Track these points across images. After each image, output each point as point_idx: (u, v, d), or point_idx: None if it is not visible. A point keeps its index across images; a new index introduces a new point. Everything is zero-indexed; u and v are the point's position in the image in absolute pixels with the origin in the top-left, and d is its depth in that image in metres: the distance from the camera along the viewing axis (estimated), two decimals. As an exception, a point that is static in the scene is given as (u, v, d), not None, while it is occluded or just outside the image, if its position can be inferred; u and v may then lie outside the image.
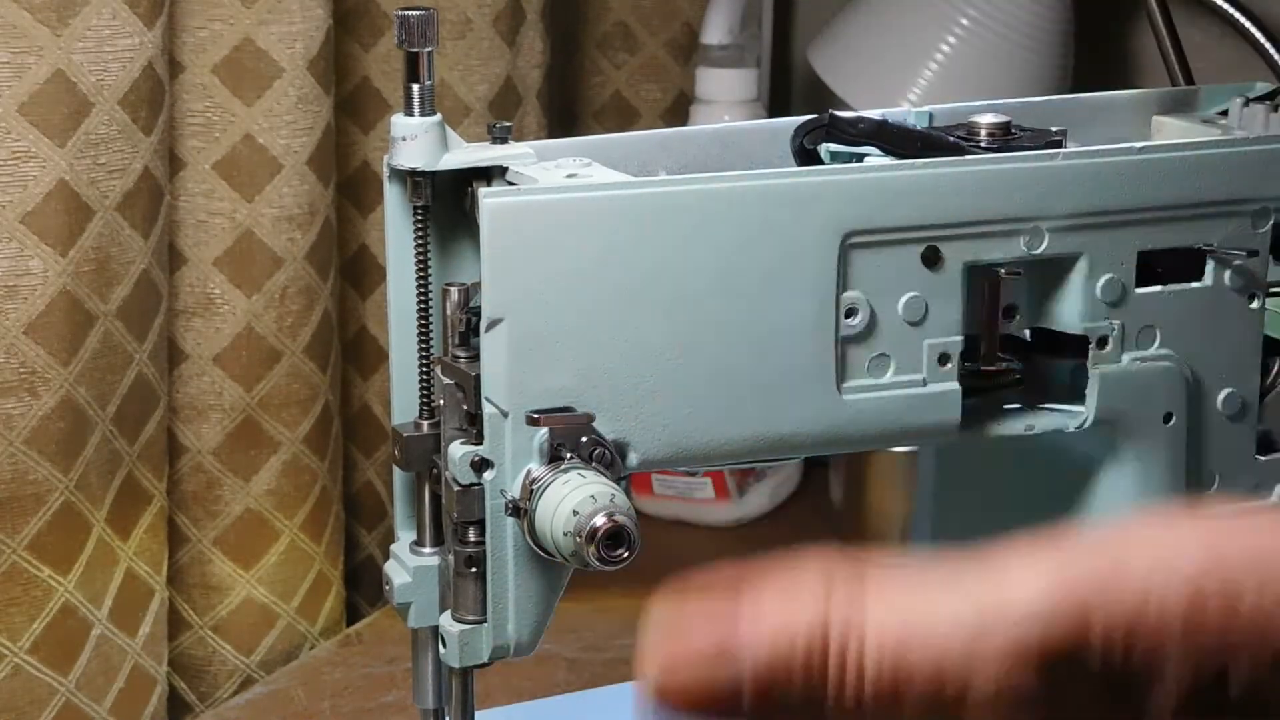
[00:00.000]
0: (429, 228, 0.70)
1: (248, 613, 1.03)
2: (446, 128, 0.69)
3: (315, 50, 1.00)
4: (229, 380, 1.00)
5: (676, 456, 0.68)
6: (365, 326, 1.15)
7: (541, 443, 0.65)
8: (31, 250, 0.84)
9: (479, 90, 1.14)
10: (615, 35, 1.32)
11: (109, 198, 0.87)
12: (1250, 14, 1.22)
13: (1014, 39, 1.18)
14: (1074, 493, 0.78)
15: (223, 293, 0.99)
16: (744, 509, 1.22)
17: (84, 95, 0.85)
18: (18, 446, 0.85)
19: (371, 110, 1.11)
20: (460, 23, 1.12)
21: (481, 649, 0.68)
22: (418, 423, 0.71)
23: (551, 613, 0.69)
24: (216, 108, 0.97)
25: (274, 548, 1.03)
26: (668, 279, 0.66)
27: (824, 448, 0.71)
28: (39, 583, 0.87)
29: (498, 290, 0.65)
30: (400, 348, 0.72)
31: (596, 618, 1.05)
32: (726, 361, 0.67)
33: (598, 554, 0.63)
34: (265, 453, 1.02)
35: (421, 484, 0.72)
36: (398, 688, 0.97)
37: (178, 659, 1.01)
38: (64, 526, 0.88)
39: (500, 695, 0.94)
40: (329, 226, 1.04)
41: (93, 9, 0.85)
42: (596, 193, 0.66)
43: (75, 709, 0.89)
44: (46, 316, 0.85)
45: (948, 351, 0.71)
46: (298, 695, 0.99)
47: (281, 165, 0.99)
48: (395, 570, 0.72)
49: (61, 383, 0.86)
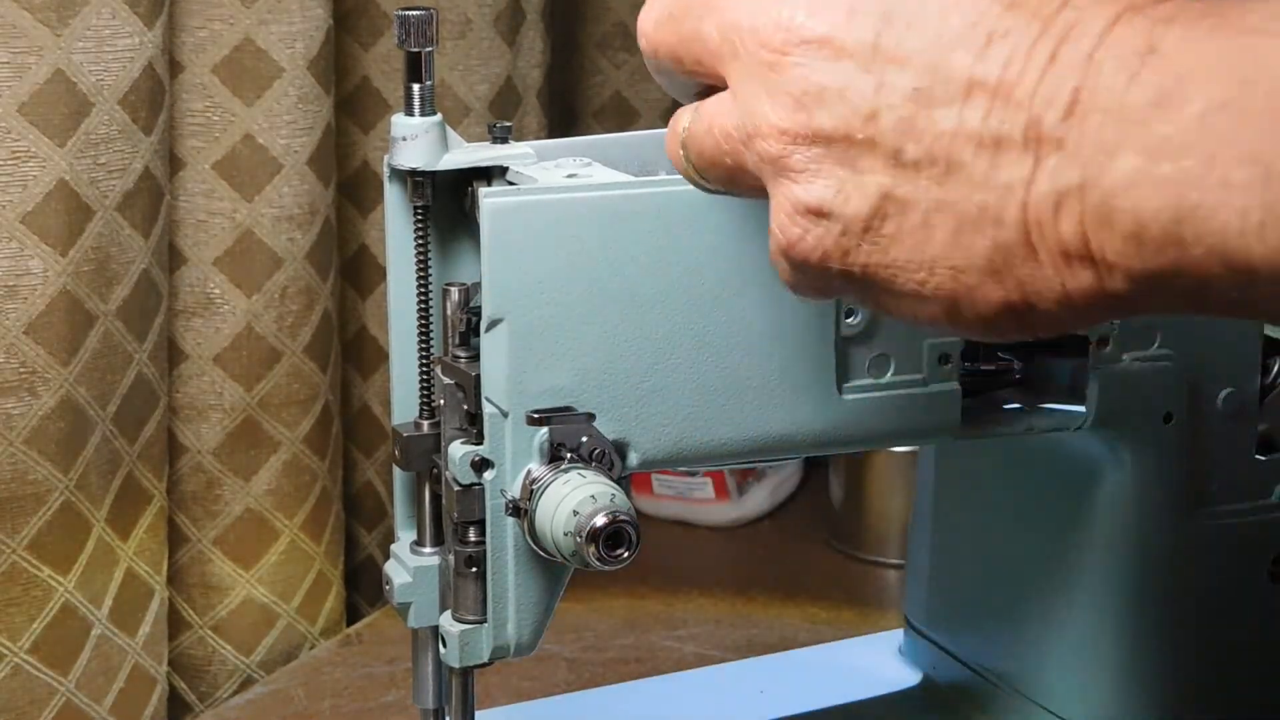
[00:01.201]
0: (429, 228, 0.70)
1: (248, 613, 1.03)
2: (446, 128, 0.69)
3: (315, 50, 1.00)
4: (229, 380, 1.00)
5: (676, 456, 0.68)
6: (365, 326, 1.15)
7: (541, 443, 0.65)
8: (31, 250, 0.84)
9: (479, 90, 1.14)
10: (615, 35, 1.32)
11: (109, 198, 0.87)
12: (1250, 14, 1.22)
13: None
14: (1073, 493, 0.78)
15: (223, 293, 0.99)
16: (744, 509, 1.22)
17: (84, 95, 0.85)
18: (18, 446, 0.85)
19: (371, 110, 1.11)
20: (460, 23, 1.12)
21: (481, 649, 0.68)
22: (418, 423, 0.71)
23: (551, 613, 0.69)
24: (216, 108, 0.97)
25: (274, 548, 1.03)
26: (667, 279, 0.66)
27: (824, 448, 0.71)
28: (39, 583, 0.87)
29: (498, 290, 0.65)
30: (400, 348, 0.72)
31: (596, 618, 1.05)
32: (726, 361, 0.67)
33: (598, 554, 0.63)
34: (265, 453, 1.02)
35: (421, 484, 0.72)
36: (398, 688, 0.97)
37: (178, 659, 1.01)
38: (64, 526, 0.88)
39: (500, 695, 0.94)
40: (329, 226, 1.04)
41: (93, 9, 0.85)
42: (596, 193, 0.66)
43: (75, 709, 0.89)
44: (46, 316, 0.85)
45: (948, 351, 0.71)
46: (298, 695, 0.99)
47: (281, 165, 0.99)
48: (395, 570, 0.72)
49: (61, 383, 0.86)
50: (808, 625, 1.06)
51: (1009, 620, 0.83)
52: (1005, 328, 0.48)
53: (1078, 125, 0.44)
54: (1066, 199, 0.44)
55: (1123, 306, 0.46)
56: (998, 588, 0.83)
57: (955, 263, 0.47)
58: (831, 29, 0.49)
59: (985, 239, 0.46)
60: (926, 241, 0.48)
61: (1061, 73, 0.45)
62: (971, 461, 0.85)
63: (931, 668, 0.89)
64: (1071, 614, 0.79)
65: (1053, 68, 0.45)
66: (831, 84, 0.49)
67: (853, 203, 0.49)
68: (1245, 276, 0.41)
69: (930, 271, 0.48)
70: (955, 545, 0.87)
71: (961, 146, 0.46)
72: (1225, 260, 0.41)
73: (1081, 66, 0.44)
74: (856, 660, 0.93)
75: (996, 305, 0.47)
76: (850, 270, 0.50)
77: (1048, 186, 0.45)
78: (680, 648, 1.02)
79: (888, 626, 0.98)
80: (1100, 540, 0.77)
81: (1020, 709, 0.82)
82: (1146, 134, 0.42)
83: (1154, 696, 0.78)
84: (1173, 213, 0.42)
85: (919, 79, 0.47)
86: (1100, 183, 0.43)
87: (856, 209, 0.49)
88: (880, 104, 0.48)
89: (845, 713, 0.88)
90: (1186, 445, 0.76)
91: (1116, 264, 0.44)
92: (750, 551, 1.19)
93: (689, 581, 1.11)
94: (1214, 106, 0.41)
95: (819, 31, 0.49)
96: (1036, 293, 0.46)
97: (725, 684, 0.93)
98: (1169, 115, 0.42)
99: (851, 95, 0.48)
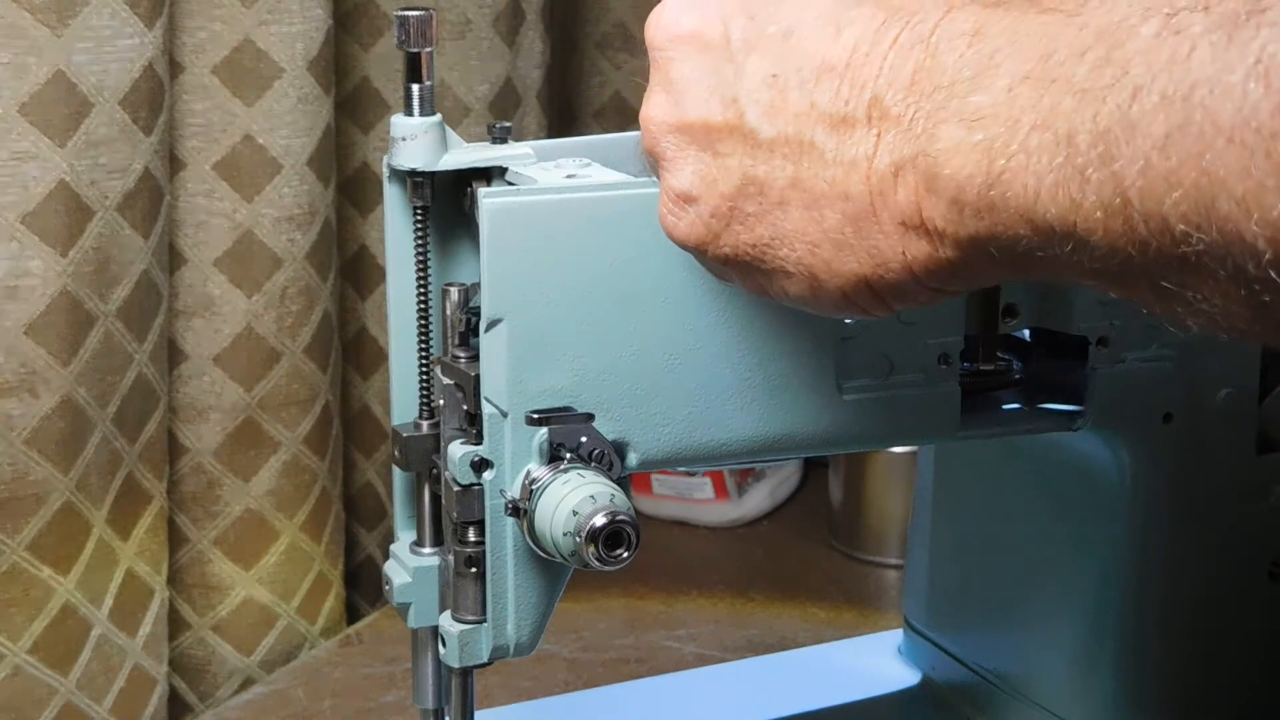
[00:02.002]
0: (429, 228, 0.70)
1: (248, 613, 1.03)
2: (446, 128, 0.69)
3: (315, 50, 1.00)
4: (229, 380, 1.00)
5: (676, 456, 0.68)
6: (365, 326, 1.15)
7: (541, 443, 0.65)
8: (32, 250, 0.84)
9: (479, 90, 1.14)
10: (615, 35, 1.32)
11: (109, 198, 0.87)
12: (1250, 14, 1.22)
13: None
14: (1073, 493, 0.78)
15: (223, 293, 0.99)
16: (743, 509, 1.22)
17: (84, 95, 0.85)
18: (18, 446, 0.85)
19: (371, 110, 1.11)
20: (460, 23, 1.13)
21: (481, 649, 0.68)
22: (418, 423, 0.71)
23: (551, 613, 0.69)
24: (216, 108, 0.97)
25: (274, 548, 1.03)
26: (667, 279, 0.66)
27: (824, 448, 0.71)
28: (39, 583, 0.87)
29: (498, 290, 0.65)
30: (400, 348, 0.72)
31: (596, 618, 1.05)
32: (726, 361, 0.67)
33: (598, 554, 0.63)
34: (265, 453, 1.02)
35: (421, 484, 0.72)
36: (398, 688, 0.97)
37: (178, 659, 1.01)
38: (64, 526, 0.88)
39: (500, 695, 0.94)
40: (329, 226, 1.04)
41: (93, 9, 0.85)
42: (596, 193, 0.66)
43: (75, 709, 0.89)
44: (46, 316, 0.85)
45: (948, 351, 0.71)
46: (298, 695, 0.99)
47: (281, 165, 0.99)
48: (395, 570, 0.72)
49: (61, 383, 0.86)
50: (807, 625, 1.06)
51: (1009, 620, 0.83)
52: (862, 301, 0.51)
53: (914, 102, 0.47)
54: (903, 170, 0.47)
55: (959, 274, 0.48)
56: (998, 588, 0.83)
57: (811, 237, 0.50)
58: (700, 24, 0.53)
59: (835, 212, 0.50)
60: (784, 219, 0.51)
61: (902, 54, 0.48)
62: (971, 461, 0.85)
63: (931, 668, 0.89)
64: (1071, 614, 0.79)
65: (894, 50, 0.48)
66: (697, 75, 0.53)
67: (718, 186, 0.53)
68: (1047, 236, 0.44)
69: (790, 247, 0.51)
70: (955, 545, 0.87)
71: (813, 125, 0.50)
72: (1029, 221, 0.44)
73: (919, 48, 0.48)
74: (856, 660, 0.93)
75: (851, 278, 0.50)
76: (723, 252, 0.53)
77: (887, 159, 0.48)
78: (680, 648, 1.02)
79: (887, 626, 0.98)
80: (1100, 540, 0.77)
81: (1020, 709, 0.82)
82: (964, 105, 0.46)
83: (1153, 696, 0.78)
84: (984, 178, 0.45)
85: (776, 65, 0.51)
86: (928, 152, 0.46)
87: (721, 192, 0.53)
88: (740, 90, 0.52)
89: (845, 713, 0.88)
90: (1186, 445, 0.76)
91: (945, 231, 0.47)
92: (750, 551, 1.19)
93: (689, 581, 1.11)
94: (1018, 79, 0.44)
95: (688, 27, 0.54)
96: (884, 263, 0.49)
97: (725, 684, 0.93)
98: (983, 86, 0.45)
99: (715, 83, 0.52)
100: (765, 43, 0.51)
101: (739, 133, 0.52)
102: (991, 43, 0.46)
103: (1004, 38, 0.46)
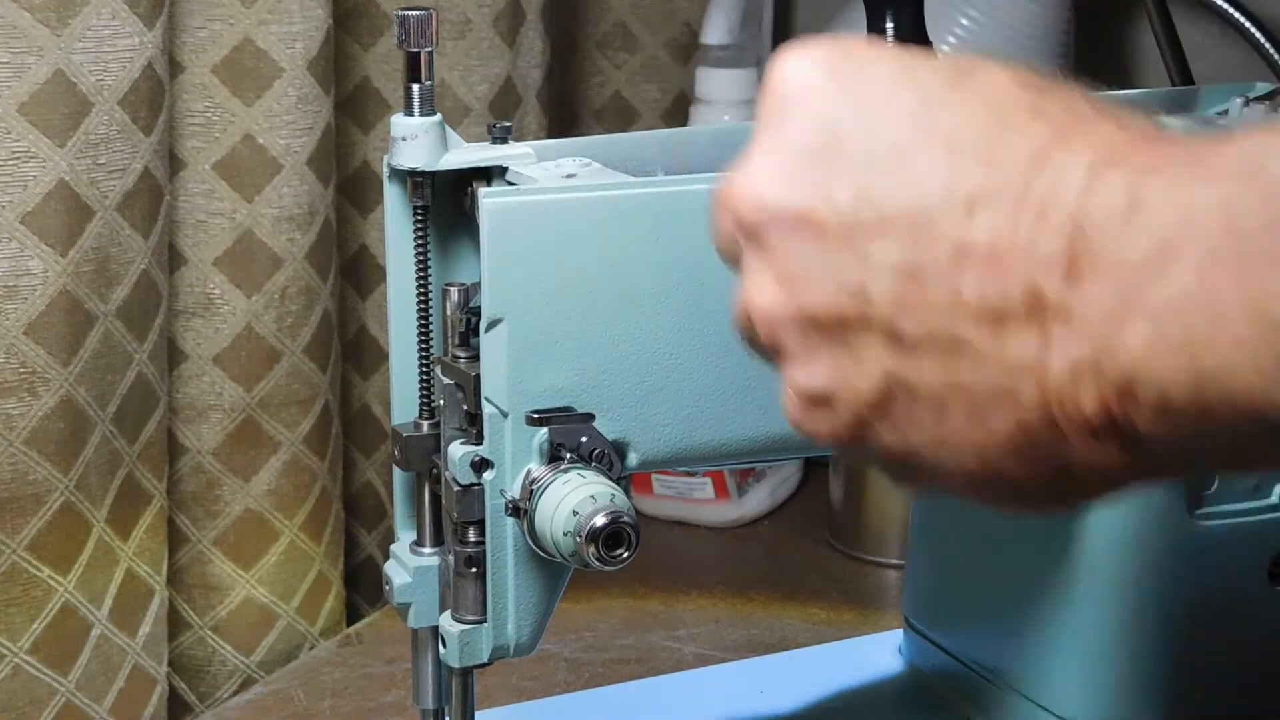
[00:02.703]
0: (429, 228, 0.70)
1: (248, 613, 1.03)
2: (446, 128, 0.69)
3: (315, 50, 1.00)
4: (229, 380, 1.00)
5: (676, 456, 0.68)
6: (365, 326, 1.15)
7: (541, 443, 0.65)
8: (31, 250, 0.84)
9: (479, 90, 1.14)
10: (615, 35, 1.32)
11: (109, 198, 0.87)
12: (1250, 14, 1.22)
13: (1014, 39, 1.18)
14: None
15: (223, 293, 0.99)
16: (744, 509, 1.22)
17: (84, 95, 0.85)
18: (18, 446, 0.85)
19: (371, 110, 1.11)
20: (460, 23, 1.12)
21: (481, 649, 0.68)
22: (418, 423, 0.71)
23: (551, 613, 0.69)
24: (216, 108, 0.97)
25: (274, 548, 1.03)
26: (667, 279, 0.66)
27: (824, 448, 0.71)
28: (39, 583, 0.87)
29: (498, 290, 0.65)
30: (400, 348, 0.72)
31: (596, 618, 1.05)
32: (726, 361, 0.67)
33: (598, 554, 0.63)
34: (265, 453, 1.02)
35: (421, 484, 0.72)
36: (398, 688, 0.97)
37: (178, 659, 1.01)
38: (64, 526, 0.88)
39: (500, 695, 0.94)
40: (329, 226, 1.04)
41: (93, 9, 0.85)
42: (596, 193, 0.66)
43: (75, 709, 0.89)
44: (46, 316, 0.85)
45: (948, 351, 0.70)
46: (298, 695, 0.99)
47: (281, 165, 0.99)
48: (395, 570, 0.72)
49: (61, 383, 0.86)
50: (807, 625, 1.06)
51: (1009, 620, 0.83)
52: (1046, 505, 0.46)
53: (1080, 293, 0.42)
54: (1083, 374, 0.42)
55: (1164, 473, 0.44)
56: (998, 588, 0.83)
57: (980, 444, 0.45)
58: (806, 202, 0.46)
59: (1007, 421, 0.44)
60: (943, 424, 0.45)
61: (1051, 235, 0.42)
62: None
63: (931, 667, 0.89)
64: (1071, 614, 0.79)
65: (1039, 231, 0.42)
66: (812, 259, 0.46)
67: (856, 388, 0.46)
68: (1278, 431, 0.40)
69: (954, 453, 0.46)
70: (955, 545, 0.87)
71: (960, 321, 0.44)
72: (1256, 419, 0.39)
73: (1068, 225, 0.42)
74: (856, 660, 0.93)
75: (1031, 484, 0.45)
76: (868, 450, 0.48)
77: (1062, 362, 0.42)
78: (680, 648, 1.02)
79: (887, 626, 0.98)
80: (1100, 540, 0.77)
81: (1019, 709, 0.82)
82: (1149, 297, 0.40)
83: (1153, 696, 0.78)
84: (1193, 378, 0.40)
85: (905, 252, 0.44)
86: (1116, 355, 0.41)
87: (861, 394, 0.46)
88: (868, 279, 0.45)
89: (845, 712, 0.88)
90: (1186, 445, 0.76)
91: (1148, 435, 0.42)
92: (750, 551, 1.19)
93: (689, 581, 1.11)
94: (1207, 260, 0.39)
95: (792, 206, 0.47)
96: (1070, 471, 0.44)
97: (725, 684, 0.93)
98: (1166, 274, 0.40)
99: (835, 271, 0.46)
100: (886, 225, 0.45)
101: (875, 328, 0.45)
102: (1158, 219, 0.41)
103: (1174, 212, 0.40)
